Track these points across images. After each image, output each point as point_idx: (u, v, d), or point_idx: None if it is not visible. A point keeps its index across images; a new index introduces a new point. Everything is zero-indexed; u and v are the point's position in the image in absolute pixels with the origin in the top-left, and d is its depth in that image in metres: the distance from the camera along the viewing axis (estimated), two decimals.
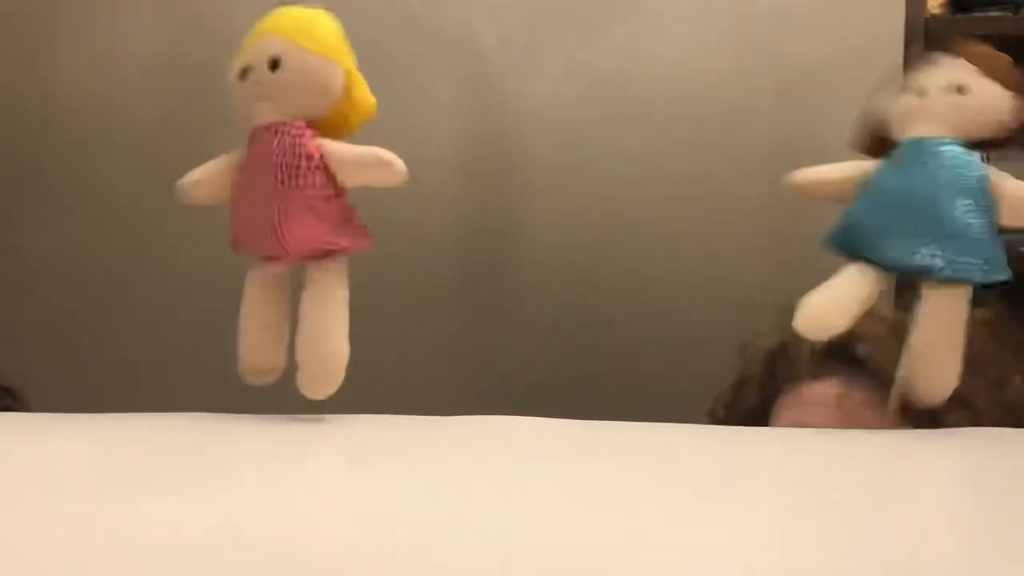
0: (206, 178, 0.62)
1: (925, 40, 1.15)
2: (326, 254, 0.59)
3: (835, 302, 0.59)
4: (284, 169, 0.58)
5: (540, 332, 1.05)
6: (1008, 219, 0.58)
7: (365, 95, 0.62)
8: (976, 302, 0.70)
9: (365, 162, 0.59)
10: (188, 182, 0.62)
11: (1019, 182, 0.59)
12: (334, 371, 0.57)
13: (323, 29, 0.60)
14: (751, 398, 0.80)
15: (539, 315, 1.05)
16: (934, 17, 1.18)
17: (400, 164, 0.59)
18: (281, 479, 0.43)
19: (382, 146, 1.03)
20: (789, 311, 0.77)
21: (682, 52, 1.06)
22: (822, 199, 0.60)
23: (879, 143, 0.62)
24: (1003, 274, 0.57)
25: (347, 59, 0.61)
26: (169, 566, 0.28)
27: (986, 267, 0.57)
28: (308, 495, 0.39)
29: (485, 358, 1.05)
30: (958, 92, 0.58)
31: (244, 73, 0.59)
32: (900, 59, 1.05)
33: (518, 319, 1.05)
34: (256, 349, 0.61)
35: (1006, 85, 0.59)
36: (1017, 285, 0.63)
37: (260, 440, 0.52)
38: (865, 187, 0.59)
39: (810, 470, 0.49)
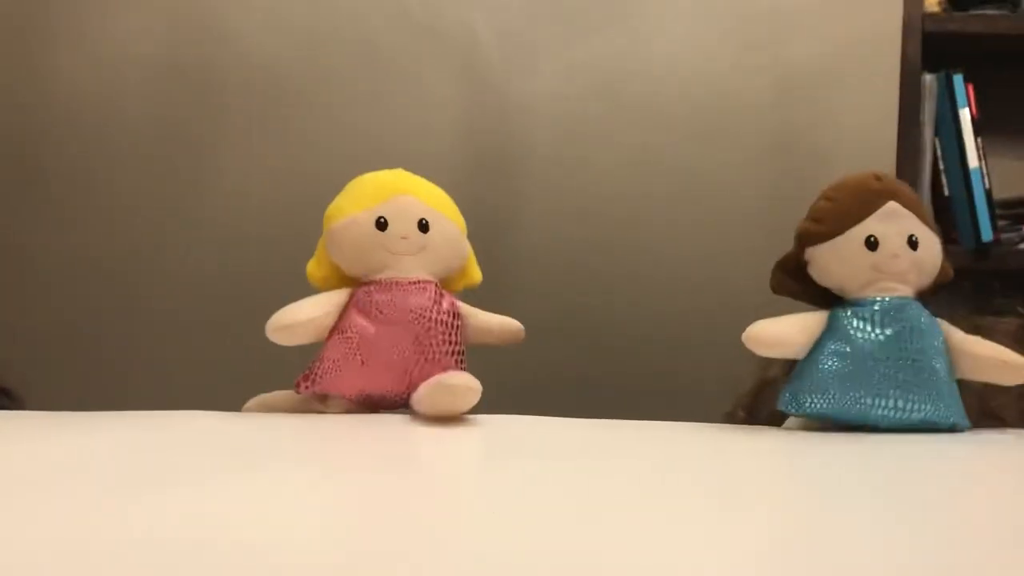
0: (312, 319, 0.62)
1: (923, 38, 1.16)
2: None
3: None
4: (428, 323, 0.62)
5: (537, 329, 1.05)
6: (969, 374, 0.61)
7: (475, 270, 0.69)
8: (1001, 311, 0.72)
9: (495, 329, 0.67)
10: (286, 324, 0.61)
11: (976, 340, 0.61)
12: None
13: (454, 206, 0.67)
14: (772, 402, 0.80)
15: (536, 312, 1.05)
16: (932, 15, 1.18)
17: (522, 331, 0.68)
18: (276, 477, 0.43)
19: (381, 143, 1.03)
20: None
21: (680, 50, 1.06)
22: (777, 356, 0.61)
23: (802, 286, 0.63)
24: (967, 423, 0.60)
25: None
26: (163, 564, 0.28)
27: (961, 419, 0.60)
28: (304, 494, 0.39)
29: (482, 355, 1.05)
30: (912, 246, 0.59)
31: (381, 224, 0.62)
32: (898, 57, 1.05)
33: (516, 316, 1.05)
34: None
35: (932, 228, 0.62)
36: None
37: (255, 438, 0.52)
38: (831, 347, 0.59)
39: (806, 469, 0.49)
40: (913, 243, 0.60)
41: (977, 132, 1.20)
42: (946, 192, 1.21)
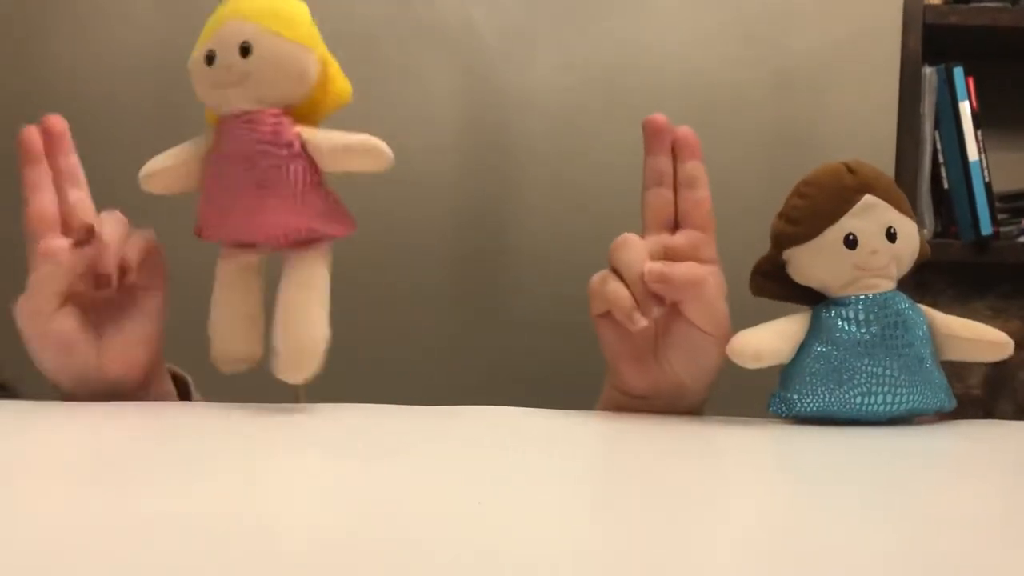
0: (166, 167, 0.61)
1: (923, 30, 1.15)
2: (308, 241, 0.58)
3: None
4: (263, 157, 0.56)
5: (534, 322, 1.05)
6: (956, 355, 0.61)
7: (340, 81, 0.61)
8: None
9: (352, 148, 0.58)
10: (146, 173, 0.61)
11: (959, 320, 0.60)
12: (311, 357, 0.55)
13: (293, 13, 0.59)
14: None
15: (533, 305, 1.05)
16: (932, 7, 1.18)
17: (388, 150, 0.57)
18: (269, 468, 0.43)
19: (378, 135, 1.02)
20: None
21: (680, 42, 1.06)
22: (763, 366, 0.60)
23: (783, 288, 0.63)
24: (954, 405, 0.61)
25: (320, 44, 0.60)
26: (152, 552, 0.28)
27: (948, 403, 0.60)
28: (298, 484, 0.39)
29: (478, 347, 1.05)
30: (890, 239, 0.59)
31: (209, 59, 0.57)
32: (898, 49, 1.05)
33: (512, 309, 1.05)
34: (231, 338, 0.60)
35: (908, 213, 0.61)
36: None
37: (249, 429, 0.52)
38: (816, 347, 0.59)
39: (800, 462, 0.49)
40: (892, 235, 0.59)
41: (977, 125, 1.20)
42: (946, 185, 1.20)
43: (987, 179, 1.19)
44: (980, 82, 1.20)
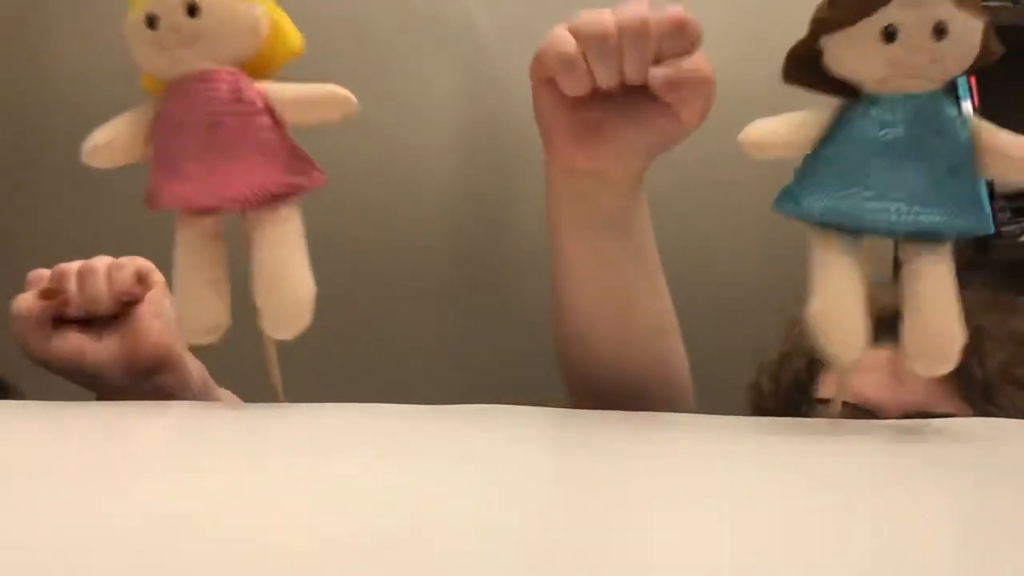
0: (111, 140, 0.59)
1: None
2: (276, 199, 0.57)
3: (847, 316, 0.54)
4: (224, 117, 0.55)
5: (534, 321, 1.05)
6: (998, 174, 0.55)
7: (291, 33, 0.60)
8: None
9: (318, 99, 0.57)
10: (92, 147, 0.59)
11: (1010, 136, 0.54)
12: (301, 311, 0.54)
13: None
14: (800, 368, 0.79)
15: (533, 304, 1.05)
16: None
17: (352, 96, 0.57)
18: (268, 468, 0.43)
19: (379, 134, 1.03)
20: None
21: None
22: (777, 156, 0.56)
23: (818, 78, 0.57)
24: (991, 229, 0.55)
25: None
26: (149, 553, 0.28)
27: (978, 224, 0.54)
28: (296, 484, 0.39)
29: (478, 347, 1.04)
30: (937, 36, 0.52)
31: (151, 22, 0.57)
32: None
33: (512, 307, 1.05)
34: (199, 308, 0.58)
35: (976, 11, 0.54)
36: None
37: (249, 428, 0.52)
38: (835, 143, 0.54)
39: (801, 461, 0.49)
40: (940, 31, 0.52)
41: None
42: None
43: (989, 178, 1.19)
44: (982, 81, 1.20)
